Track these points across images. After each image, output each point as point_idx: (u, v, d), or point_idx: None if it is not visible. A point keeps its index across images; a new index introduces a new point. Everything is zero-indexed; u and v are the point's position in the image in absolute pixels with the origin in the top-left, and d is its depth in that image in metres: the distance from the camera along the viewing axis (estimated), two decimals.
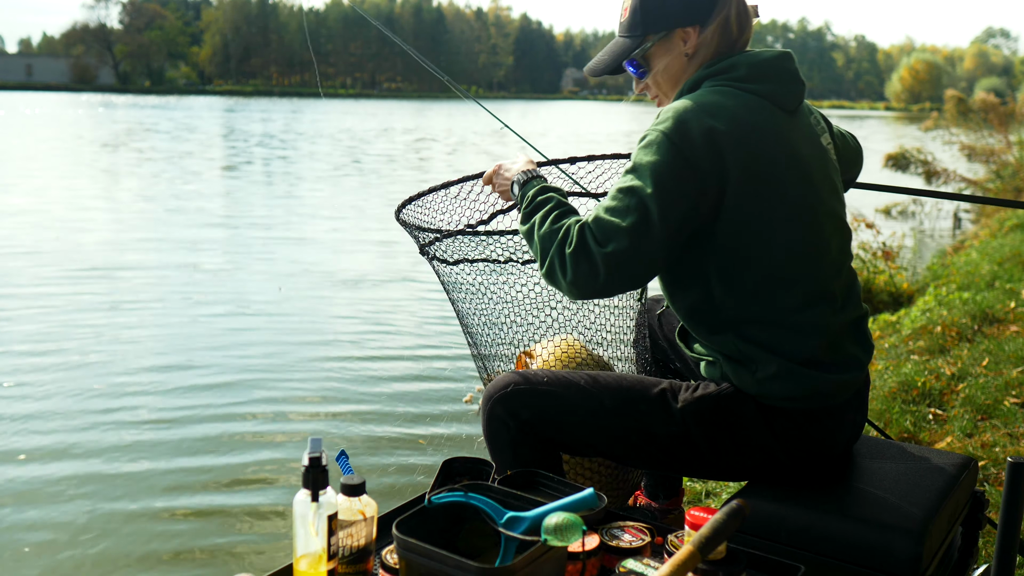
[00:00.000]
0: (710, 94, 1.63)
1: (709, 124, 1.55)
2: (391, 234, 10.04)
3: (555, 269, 1.60)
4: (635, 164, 1.58)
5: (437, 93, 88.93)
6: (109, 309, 6.58)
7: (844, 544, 1.52)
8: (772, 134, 1.62)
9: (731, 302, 1.65)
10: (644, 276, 1.61)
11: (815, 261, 1.66)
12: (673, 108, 1.60)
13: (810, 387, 1.64)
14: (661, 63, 1.76)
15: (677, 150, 1.54)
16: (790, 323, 1.64)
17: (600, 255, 1.54)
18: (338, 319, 6.62)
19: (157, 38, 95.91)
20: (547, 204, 1.70)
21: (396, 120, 40.52)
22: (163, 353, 5.57)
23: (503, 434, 1.74)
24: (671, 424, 1.69)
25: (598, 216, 1.57)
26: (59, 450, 4.04)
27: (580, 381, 1.75)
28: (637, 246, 1.54)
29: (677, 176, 1.54)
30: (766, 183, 1.59)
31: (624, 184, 1.57)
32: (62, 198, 12.56)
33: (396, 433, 4.35)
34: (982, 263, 7.48)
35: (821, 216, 1.67)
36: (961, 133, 15.13)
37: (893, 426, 3.63)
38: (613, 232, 1.54)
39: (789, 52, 1.73)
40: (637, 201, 1.54)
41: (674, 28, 1.72)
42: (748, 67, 1.66)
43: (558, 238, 1.61)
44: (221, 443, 4.17)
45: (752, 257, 1.62)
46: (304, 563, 1.36)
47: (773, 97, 1.65)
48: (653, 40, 1.74)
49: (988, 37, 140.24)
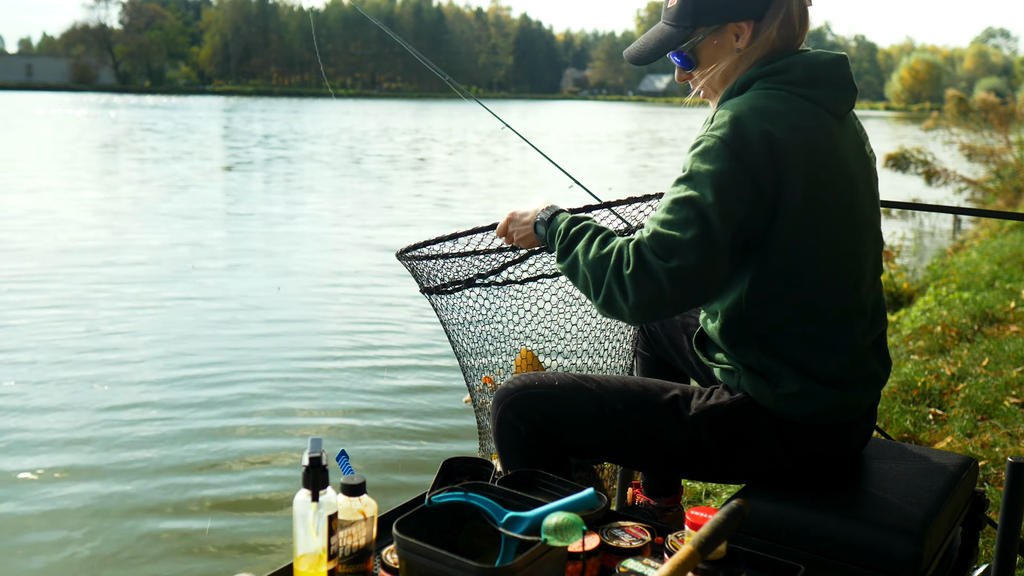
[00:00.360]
0: (764, 98, 1.55)
1: (767, 128, 1.49)
2: (391, 235, 10.05)
3: (614, 295, 1.49)
4: (690, 172, 1.50)
5: (437, 93, 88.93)
6: (107, 310, 6.58)
7: (844, 544, 1.52)
8: (826, 142, 1.56)
9: (763, 314, 1.60)
10: (712, 288, 1.50)
11: (853, 275, 1.62)
12: (728, 113, 1.52)
13: (828, 406, 1.62)
14: (711, 58, 1.66)
15: (736, 156, 1.47)
16: (820, 339, 1.60)
17: (664, 271, 1.44)
18: (338, 319, 6.62)
19: (157, 38, 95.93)
20: (586, 232, 1.60)
21: (396, 120, 40.51)
22: (163, 352, 5.57)
23: (513, 438, 1.72)
24: (682, 431, 1.67)
25: (655, 231, 1.48)
26: (59, 447, 4.04)
27: (591, 385, 1.73)
28: (702, 258, 1.45)
29: (736, 183, 1.47)
30: (818, 193, 1.54)
31: (680, 194, 1.49)
32: (60, 199, 12.56)
33: (396, 433, 4.35)
34: (982, 263, 7.49)
35: (863, 228, 1.63)
36: (961, 133, 15.12)
37: (893, 426, 3.63)
38: (675, 246, 1.45)
39: (845, 56, 1.65)
40: (697, 212, 1.45)
41: (727, 22, 1.63)
42: (805, 69, 1.59)
43: (611, 262, 1.50)
44: (221, 443, 4.17)
45: (795, 267, 1.57)
46: (304, 563, 1.36)
47: (827, 103, 1.59)
48: (704, 33, 1.64)
49: (988, 37, 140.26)
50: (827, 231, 1.57)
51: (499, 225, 1.85)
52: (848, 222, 1.60)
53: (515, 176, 18.15)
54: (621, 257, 1.50)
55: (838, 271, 1.60)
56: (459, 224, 9.83)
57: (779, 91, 1.57)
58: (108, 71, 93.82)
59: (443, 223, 11.04)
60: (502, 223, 1.84)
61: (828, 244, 1.58)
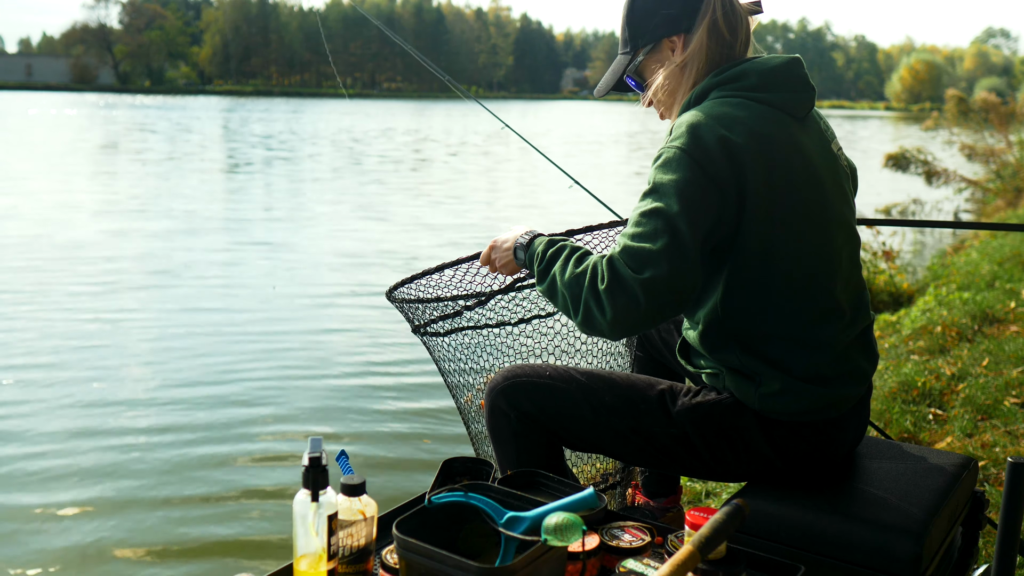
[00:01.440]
0: (721, 105, 1.58)
1: (723, 134, 1.52)
2: (391, 235, 10.04)
3: (591, 311, 1.51)
4: (655, 184, 1.53)
5: (437, 93, 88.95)
6: (105, 308, 6.58)
7: (844, 544, 1.52)
8: (786, 145, 1.58)
9: (740, 317, 1.62)
10: (686, 296, 1.51)
11: (827, 274, 1.63)
12: (686, 123, 1.55)
13: (813, 403, 1.63)
14: (656, 75, 1.74)
15: (697, 164, 1.50)
16: (799, 338, 1.62)
17: (637, 283, 1.46)
18: (338, 319, 6.62)
19: (157, 38, 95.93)
20: (562, 252, 1.63)
21: (396, 120, 40.51)
22: (162, 352, 5.57)
23: (505, 425, 1.76)
24: (669, 425, 1.69)
25: (626, 245, 1.50)
26: (58, 447, 4.04)
27: (582, 377, 1.76)
28: (674, 267, 1.46)
29: (700, 191, 1.50)
30: (783, 195, 1.56)
31: (646, 207, 1.51)
32: (57, 199, 12.56)
33: (396, 433, 4.36)
34: (982, 263, 7.48)
35: (833, 226, 1.65)
36: (961, 133, 15.12)
37: (893, 426, 3.63)
38: (646, 257, 1.47)
39: (798, 57, 1.69)
40: (664, 222, 1.48)
41: (660, 39, 1.71)
42: (759, 75, 1.62)
43: (587, 279, 1.52)
44: (221, 443, 4.17)
45: (767, 270, 1.59)
46: (304, 563, 1.36)
47: (785, 106, 1.62)
48: (643, 53, 1.74)
49: (988, 37, 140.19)
50: (795, 232, 1.59)
51: (482, 254, 1.88)
52: (817, 221, 1.62)
53: (514, 178, 18.15)
54: (596, 273, 1.52)
55: (811, 270, 1.61)
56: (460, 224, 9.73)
57: (735, 98, 1.60)
58: (108, 71, 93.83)
59: (444, 225, 11.04)
60: (485, 252, 1.87)
61: (798, 244, 1.59)
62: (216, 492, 3.68)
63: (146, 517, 3.46)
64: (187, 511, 3.51)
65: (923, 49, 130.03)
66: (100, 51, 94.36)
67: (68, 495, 3.62)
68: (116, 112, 41.43)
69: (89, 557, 3.17)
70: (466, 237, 9.86)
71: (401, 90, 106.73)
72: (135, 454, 4.02)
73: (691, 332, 1.72)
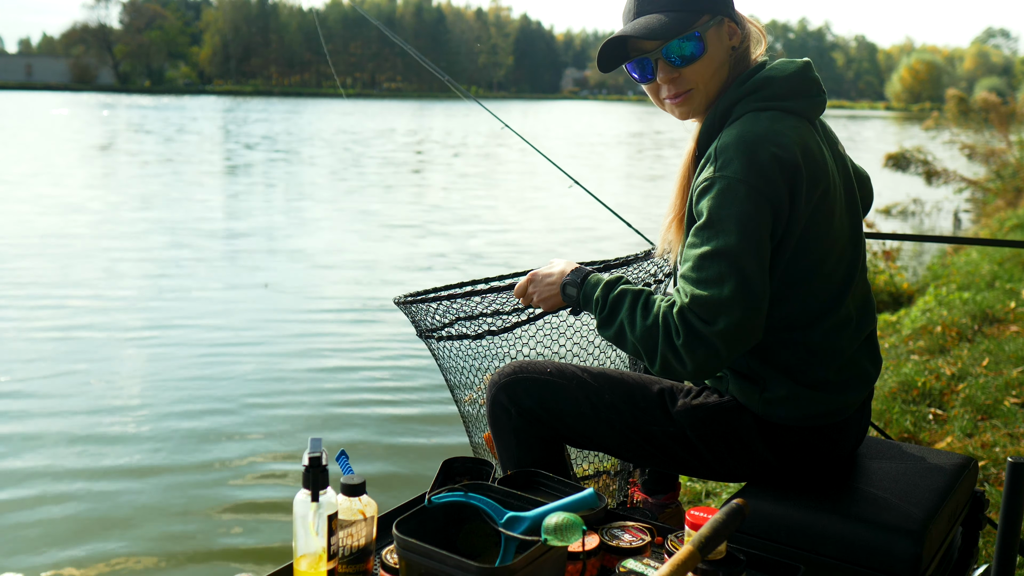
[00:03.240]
0: (761, 120, 1.53)
1: (776, 152, 1.47)
2: (391, 235, 10.04)
3: (670, 364, 1.48)
4: (710, 219, 1.46)
5: (437, 93, 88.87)
6: (108, 310, 6.58)
7: (844, 544, 1.52)
8: (818, 155, 1.56)
9: None
10: (760, 331, 1.50)
11: (841, 279, 1.62)
12: (733, 146, 1.49)
13: (816, 409, 1.63)
14: (714, 51, 1.60)
15: (756, 191, 1.45)
16: (810, 345, 1.61)
17: (714, 335, 1.43)
18: (339, 319, 6.62)
19: (157, 38, 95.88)
20: (624, 298, 1.56)
21: (397, 121, 40.49)
22: (162, 353, 5.57)
23: (505, 421, 1.76)
24: (668, 424, 1.69)
25: (694, 295, 1.45)
26: (56, 448, 4.04)
27: (583, 374, 1.76)
28: (747, 310, 1.44)
29: (760, 219, 1.46)
30: (815, 207, 1.54)
31: (707, 249, 1.45)
32: (55, 200, 12.55)
33: (396, 433, 4.36)
34: (982, 263, 7.48)
35: (848, 231, 1.64)
36: (962, 133, 15.11)
37: (893, 426, 3.63)
38: (717, 306, 1.43)
39: (809, 61, 1.65)
40: (729, 264, 1.43)
41: (725, 15, 1.61)
42: (781, 83, 1.58)
43: (660, 334, 1.48)
44: (221, 443, 4.17)
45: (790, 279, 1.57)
46: (304, 563, 1.36)
47: (804, 112, 1.59)
48: (708, 22, 1.59)
49: (988, 37, 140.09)
50: (819, 241, 1.58)
51: (518, 285, 1.79)
52: (835, 227, 1.61)
53: (514, 179, 18.14)
54: (669, 328, 1.48)
55: (829, 280, 1.61)
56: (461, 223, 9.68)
57: (768, 111, 1.55)
58: (108, 71, 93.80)
59: (445, 224, 11.03)
60: (522, 283, 1.78)
61: (820, 254, 1.58)
62: (216, 491, 3.68)
63: (146, 518, 3.46)
64: (187, 511, 3.51)
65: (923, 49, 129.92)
66: (100, 51, 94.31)
67: (67, 496, 3.62)
68: (115, 112, 41.42)
69: (89, 559, 3.16)
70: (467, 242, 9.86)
71: (401, 90, 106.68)
72: (134, 455, 4.02)
73: None
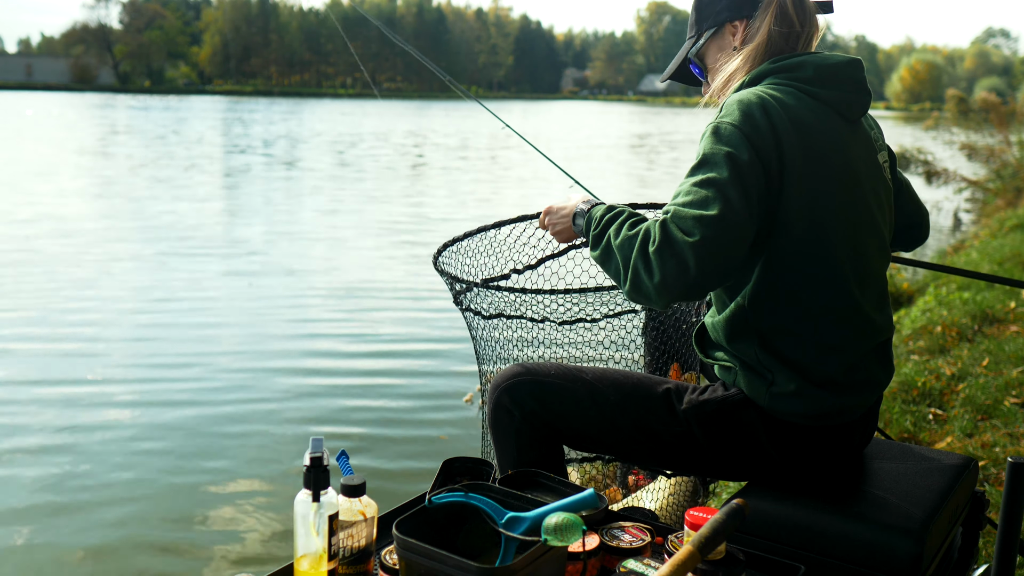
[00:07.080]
0: (772, 88, 1.60)
1: (771, 112, 1.54)
2: (391, 236, 10.04)
3: (639, 274, 1.50)
4: (705, 155, 1.54)
5: (437, 93, 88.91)
6: (106, 310, 6.58)
7: (844, 544, 1.52)
8: (828, 141, 1.58)
9: (766, 311, 1.61)
10: (733, 265, 1.52)
11: (855, 280, 1.62)
12: (735, 100, 1.57)
13: (823, 408, 1.62)
14: (714, 59, 1.78)
15: (747, 139, 1.51)
16: (820, 341, 1.61)
17: (688, 245, 1.45)
18: (339, 319, 6.62)
19: (157, 38, 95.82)
20: (618, 217, 1.63)
21: (397, 121, 40.48)
22: (162, 352, 5.57)
23: (507, 423, 1.76)
24: (674, 424, 1.69)
25: (677, 210, 1.50)
26: (55, 448, 4.04)
27: (586, 375, 1.76)
28: (725, 232, 1.47)
29: (749, 164, 1.51)
30: (819, 189, 1.56)
31: (698, 177, 1.52)
32: (52, 201, 12.56)
33: (396, 433, 4.36)
34: (982, 263, 7.49)
35: (865, 233, 1.64)
36: (962, 133, 15.12)
37: (893, 426, 3.63)
38: (698, 221, 1.46)
39: (859, 60, 1.68)
40: (716, 190, 1.48)
41: (723, 23, 1.75)
42: (815, 69, 1.62)
43: (638, 241, 1.53)
44: (222, 443, 4.17)
45: (797, 266, 1.58)
46: (305, 563, 1.36)
47: (836, 104, 1.62)
48: (705, 37, 1.78)
49: (988, 37, 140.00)
50: (828, 230, 1.58)
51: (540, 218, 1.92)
52: (851, 224, 1.61)
53: (514, 179, 18.14)
54: (648, 235, 1.52)
55: (840, 272, 1.60)
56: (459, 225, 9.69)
57: (787, 87, 1.60)
58: (108, 71, 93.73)
59: (443, 225, 11.03)
60: (541, 215, 1.90)
61: (830, 244, 1.58)
62: (216, 491, 3.68)
63: (146, 517, 3.46)
64: (187, 511, 3.51)
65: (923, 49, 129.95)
66: (100, 51, 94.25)
67: (67, 496, 3.62)
68: (114, 112, 41.41)
69: (89, 559, 3.17)
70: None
71: (401, 90, 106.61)
72: (134, 455, 4.02)
73: (713, 319, 1.71)
